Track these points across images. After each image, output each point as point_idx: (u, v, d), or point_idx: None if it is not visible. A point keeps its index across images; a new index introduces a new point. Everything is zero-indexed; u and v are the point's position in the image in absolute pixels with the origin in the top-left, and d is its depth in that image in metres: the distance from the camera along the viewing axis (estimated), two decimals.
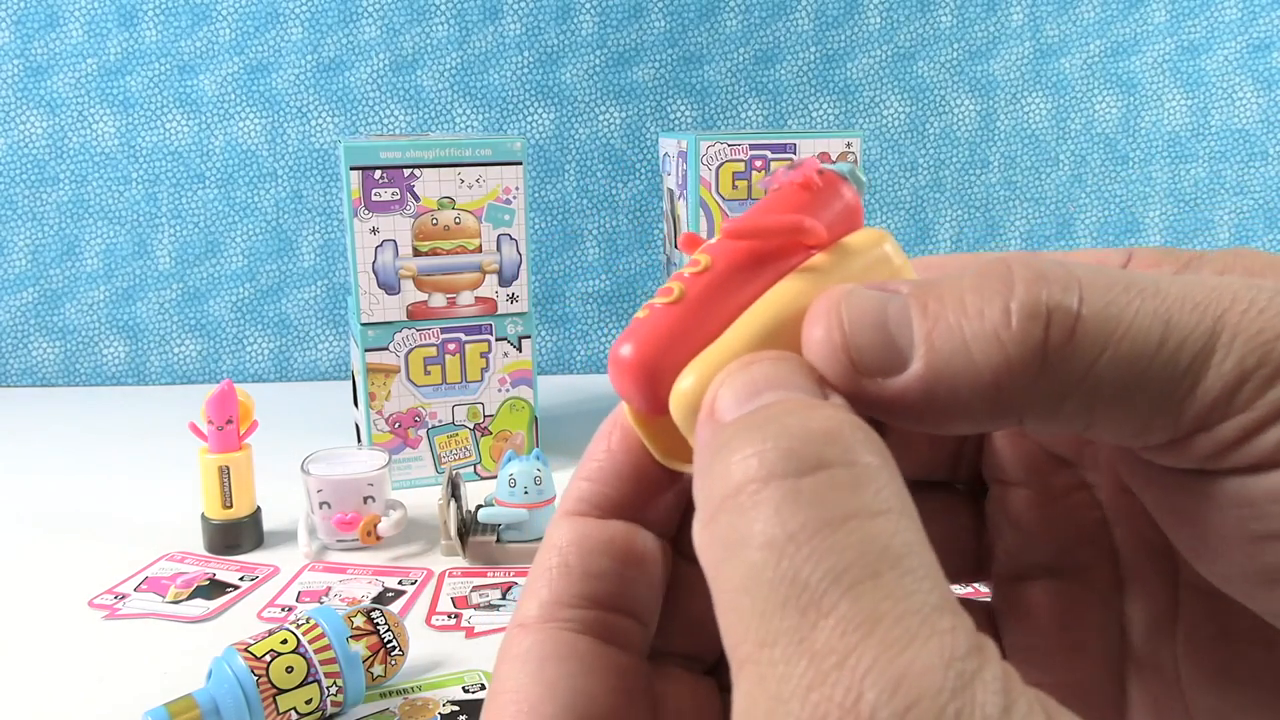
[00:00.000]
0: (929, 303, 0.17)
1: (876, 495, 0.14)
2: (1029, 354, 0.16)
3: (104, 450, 1.04)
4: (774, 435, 0.15)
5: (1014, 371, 0.16)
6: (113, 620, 0.69)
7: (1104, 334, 0.16)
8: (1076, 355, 0.16)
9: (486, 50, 1.25)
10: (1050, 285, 0.16)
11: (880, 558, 0.14)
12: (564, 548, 0.20)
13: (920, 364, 0.16)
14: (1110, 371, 0.16)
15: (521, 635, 0.19)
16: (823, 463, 0.15)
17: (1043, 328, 0.16)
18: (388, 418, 0.92)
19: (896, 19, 1.27)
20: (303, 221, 1.27)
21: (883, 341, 0.17)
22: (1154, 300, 0.16)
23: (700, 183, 0.95)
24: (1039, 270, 0.16)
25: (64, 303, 1.27)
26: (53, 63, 1.22)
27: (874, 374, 0.17)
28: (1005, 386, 0.16)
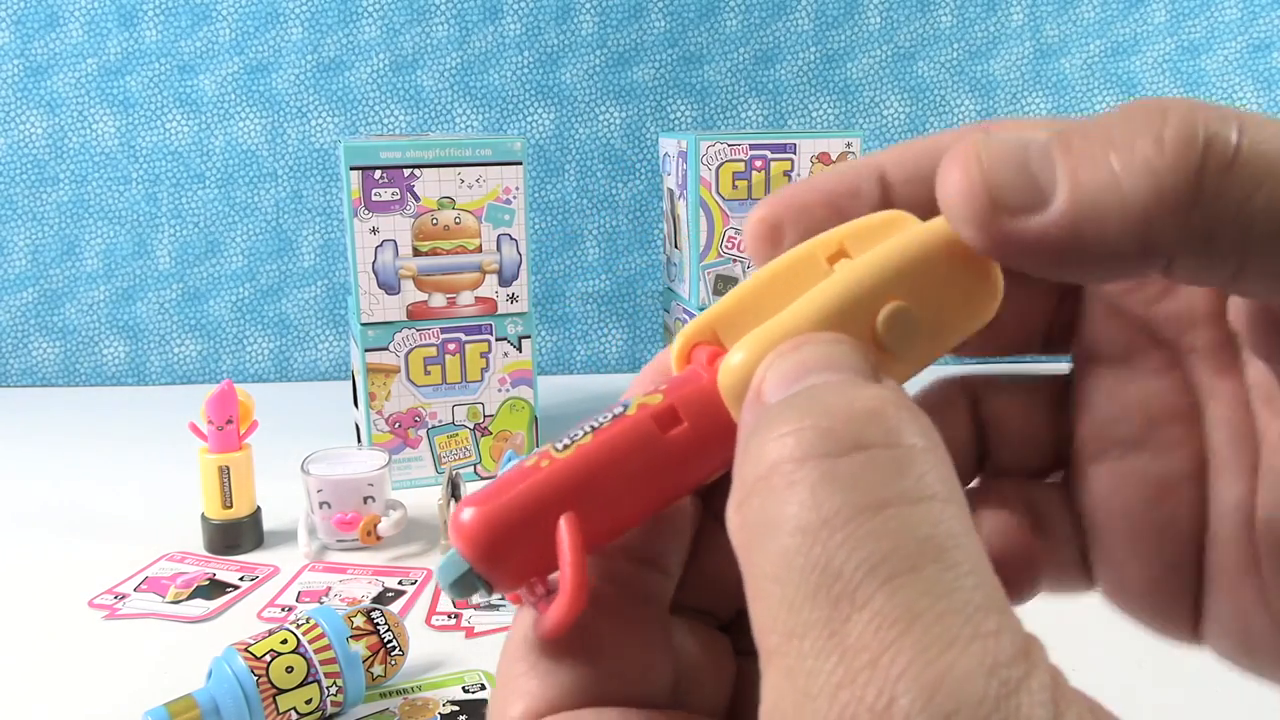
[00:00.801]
0: (1074, 140, 0.16)
1: (919, 480, 0.14)
2: (1184, 183, 0.15)
3: (104, 450, 1.04)
4: (814, 413, 0.14)
5: (1166, 202, 0.15)
6: (113, 620, 0.69)
7: (1263, 167, 0.15)
8: (1234, 187, 0.15)
9: (486, 50, 1.25)
10: (1208, 116, 0.15)
11: (921, 549, 0.13)
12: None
13: (1065, 198, 0.15)
14: (1267, 208, 0.15)
15: None
16: (862, 443, 0.14)
17: (1199, 155, 0.15)
18: (388, 418, 0.92)
19: (896, 19, 1.27)
20: (303, 221, 1.27)
21: (1025, 178, 0.16)
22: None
23: (700, 183, 0.95)
24: (1194, 104, 0.15)
25: (64, 303, 1.27)
26: (53, 63, 1.22)
27: (1015, 212, 0.16)
28: (1156, 220, 0.15)
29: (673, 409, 0.18)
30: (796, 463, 0.14)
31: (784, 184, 0.97)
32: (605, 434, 0.18)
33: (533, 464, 0.18)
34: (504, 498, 0.18)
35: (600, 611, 0.18)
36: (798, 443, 0.14)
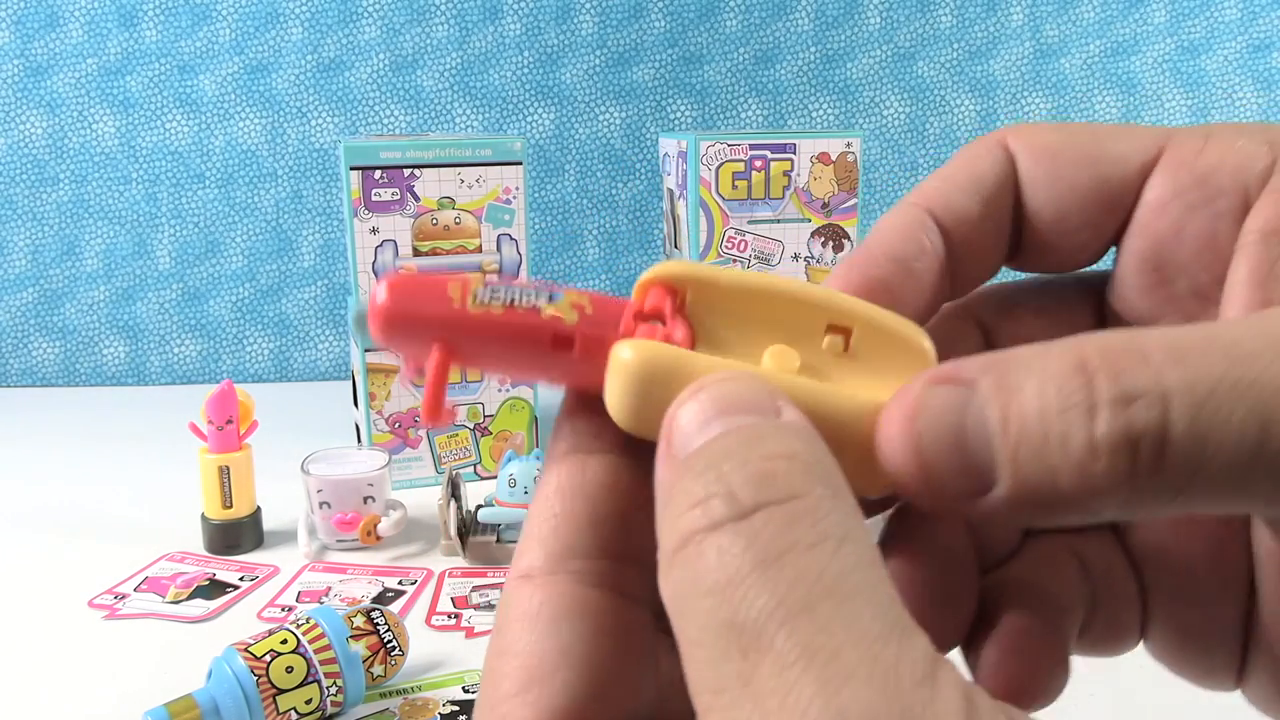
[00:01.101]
0: (1010, 417, 0.16)
1: (813, 527, 0.14)
2: (1118, 484, 0.15)
3: (104, 450, 1.04)
4: (714, 482, 0.15)
5: (1102, 496, 0.15)
6: (113, 620, 0.69)
7: (1195, 455, 0.15)
8: (1167, 479, 0.15)
9: (486, 50, 1.25)
10: (1136, 403, 0.15)
11: (813, 588, 0.13)
12: (568, 490, 0.19)
13: (1005, 489, 0.16)
14: (1206, 487, 0.15)
15: (528, 589, 0.18)
16: (760, 503, 0.14)
17: (1130, 459, 0.15)
18: (388, 418, 0.92)
19: (896, 19, 1.27)
20: (303, 221, 1.27)
21: (964, 466, 0.16)
22: (1250, 397, 0.15)
23: (700, 183, 0.95)
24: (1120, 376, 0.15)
25: (64, 303, 1.27)
26: (53, 63, 1.22)
27: (956, 497, 0.16)
28: (1093, 507, 0.16)
29: (572, 338, 0.19)
30: (704, 531, 0.14)
31: (782, 185, 0.97)
32: (511, 318, 0.19)
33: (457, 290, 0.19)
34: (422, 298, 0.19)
35: (588, 622, 0.18)
36: (704, 513, 0.14)
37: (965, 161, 0.21)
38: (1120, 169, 0.21)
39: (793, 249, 0.99)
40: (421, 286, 0.19)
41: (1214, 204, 0.20)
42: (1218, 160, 0.20)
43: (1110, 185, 0.21)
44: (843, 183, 0.98)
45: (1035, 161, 0.21)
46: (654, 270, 0.20)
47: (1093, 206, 0.21)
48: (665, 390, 0.18)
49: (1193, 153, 0.20)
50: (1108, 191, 0.21)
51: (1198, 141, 0.20)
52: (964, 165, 0.21)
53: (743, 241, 0.98)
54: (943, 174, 0.22)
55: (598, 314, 0.19)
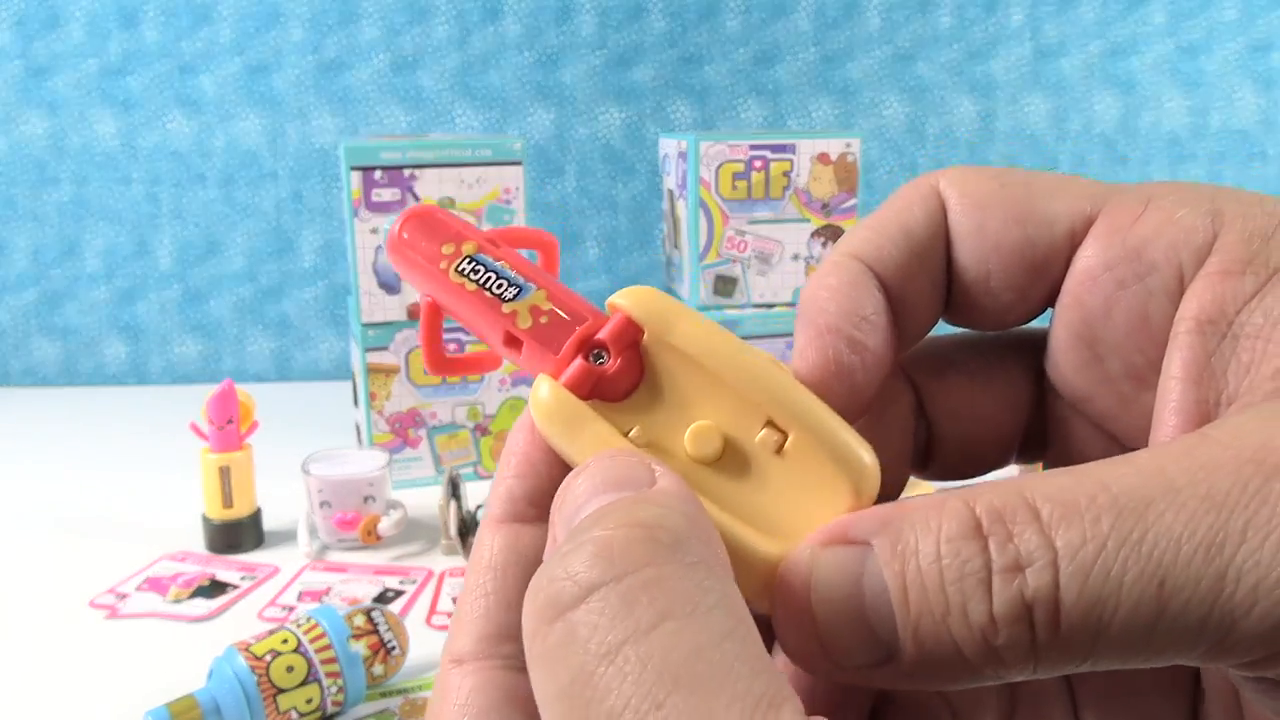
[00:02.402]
0: (908, 585, 0.15)
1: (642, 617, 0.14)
2: (1021, 654, 0.15)
3: (104, 450, 1.04)
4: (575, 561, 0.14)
5: (1008, 667, 0.15)
6: (113, 620, 0.69)
7: (1092, 621, 0.14)
8: (1069, 646, 0.15)
9: (486, 50, 1.25)
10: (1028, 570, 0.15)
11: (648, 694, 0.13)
12: (501, 565, 0.18)
13: (908, 659, 0.15)
14: (1112, 650, 0.15)
15: (458, 676, 0.17)
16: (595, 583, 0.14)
17: (1028, 629, 0.15)
18: (388, 418, 0.92)
19: (896, 19, 1.27)
20: (303, 221, 1.27)
21: (865, 638, 0.16)
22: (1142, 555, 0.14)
23: (700, 183, 0.95)
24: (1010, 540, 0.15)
25: (65, 303, 1.27)
26: (53, 63, 1.22)
27: (858, 666, 0.16)
28: (1002, 675, 0.15)
29: (520, 342, 0.19)
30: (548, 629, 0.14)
31: (782, 186, 0.97)
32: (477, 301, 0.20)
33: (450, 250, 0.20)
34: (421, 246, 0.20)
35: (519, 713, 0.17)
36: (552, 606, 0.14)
37: (896, 209, 0.20)
38: (1049, 232, 0.19)
39: (792, 249, 0.99)
40: (427, 233, 0.20)
41: (1146, 280, 0.18)
42: (1153, 232, 0.18)
43: (1037, 249, 0.19)
44: (843, 183, 0.98)
45: (964, 213, 0.20)
46: (624, 296, 0.19)
47: (1017, 269, 0.19)
48: (560, 440, 0.18)
49: (1128, 219, 0.19)
50: (1034, 255, 0.19)
51: (1135, 206, 0.19)
52: (895, 214, 0.20)
53: (742, 242, 0.98)
54: (872, 223, 0.20)
55: (551, 327, 0.19)
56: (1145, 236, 0.18)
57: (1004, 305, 0.20)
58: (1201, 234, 0.18)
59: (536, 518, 0.19)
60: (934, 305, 0.21)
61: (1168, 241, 0.18)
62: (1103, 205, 0.19)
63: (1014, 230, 0.19)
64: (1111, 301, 0.19)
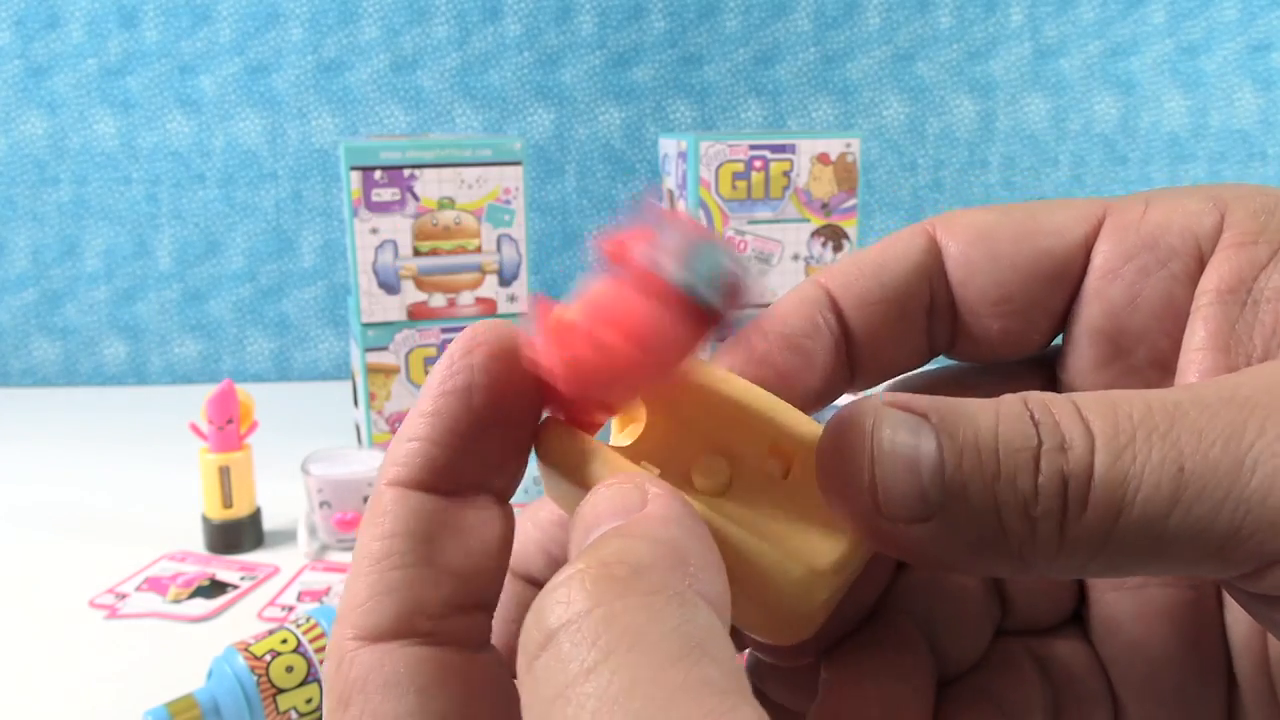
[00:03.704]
0: (963, 452, 0.16)
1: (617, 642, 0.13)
2: (1049, 530, 0.16)
3: (104, 450, 1.04)
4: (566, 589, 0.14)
5: (1036, 547, 0.16)
6: (113, 620, 0.69)
7: (1116, 497, 0.15)
8: (1093, 525, 0.15)
9: (486, 50, 1.25)
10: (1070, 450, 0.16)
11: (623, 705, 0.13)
12: (422, 538, 0.17)
13: (949, 519, 0.16)
14: (1127, 533, 0.15)
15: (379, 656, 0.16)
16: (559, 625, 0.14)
17: (1061, 503, 0.16)
18: (388, 418, 0.92)
19: (896, 19, 1.27)
20: (303, 221, 1.27)
21: (914, 489, 0.16)
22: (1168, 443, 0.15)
23: (700, 183, 0.95)
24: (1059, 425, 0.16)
25: (64, 303, 1.27)
26: (53, 63, 1.22)
27: (898, 520, 0.16)
28: (1028, 557, 0.16)
29: None
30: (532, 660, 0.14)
31: (782, 186, 0.97)
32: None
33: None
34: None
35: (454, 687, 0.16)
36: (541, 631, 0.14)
37: (881, 246, 0.21)
38: (1062, 240, 0.20)
39: (792, 249, 0.99)
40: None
41: (1168, 265, 0.19)
42: (1164, 220, 0.19)
43: (1054, 257, 0.20)
44: (842, 183, 0.98)
45: (970, 245, 0.20)
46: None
47: (1037, 282, 0.20)
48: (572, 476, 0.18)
49: (1136, 216, 0.20)
50: (1051, 264, 0.20)
51: (1139, 205, 0.20)
52: (877, 249, 0.21)
53: (742, 242, 0.98)
54: (855, 256, 0.21)
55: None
56: (1159, 225, 0.19)
57: (1028, 324, 0.21)
58: (1210, 217, 0.19)
59: (454, 490, 0.17)
60: (908, 340, 0.21)
61: (1180, 227, 0.19)
62: (1105, 210, 0.20)
63: (1027, 246, 0.20)
64: (1135, 291, 0.19)
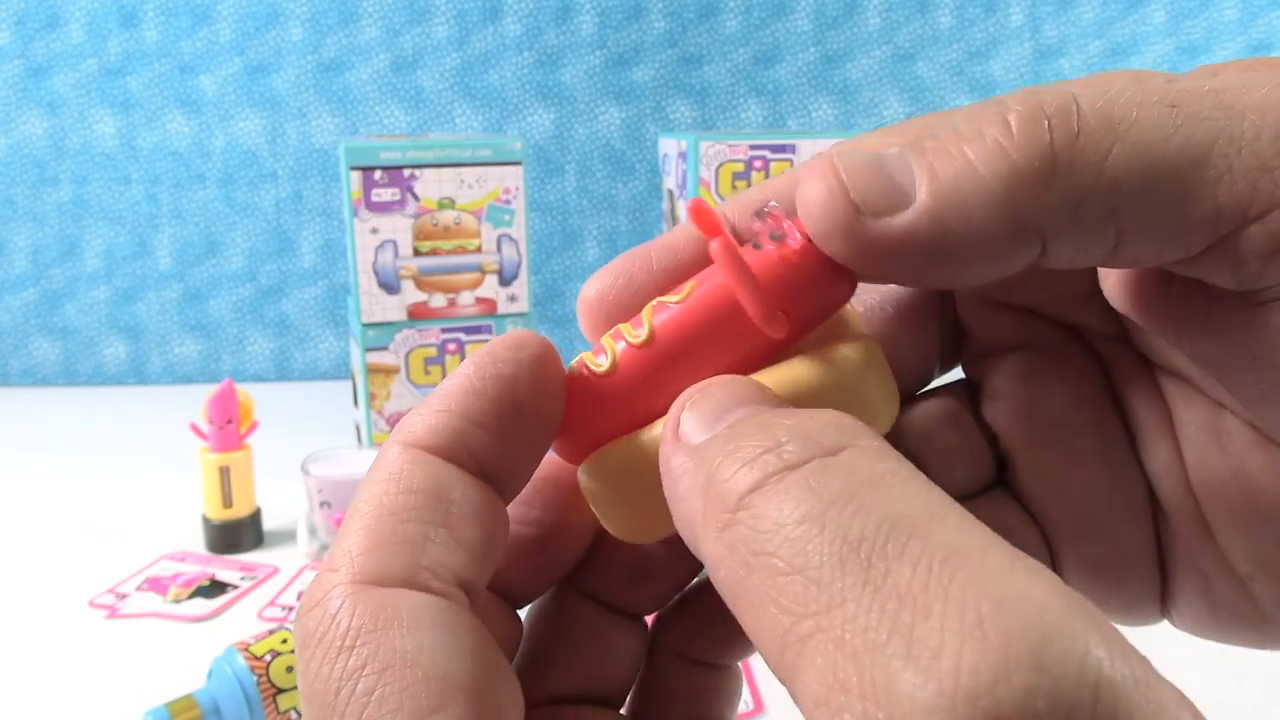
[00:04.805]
0: (925, 141, 0.16)
1: (901, 464, 0.14)
2: (1037, 157, 0.15)
3: (104, 450, 1.04)
4: (784, 431, 0.14)
5: (1024, 179, 0.15)
6: (113, 620, 0.69)
7: (1109, 125, 0.15)
8: (1087, 150, 0.15)
9: (486, 50, 1.25)
10: (1044, 94, 0.16)
11: (932, 505, 0.13)
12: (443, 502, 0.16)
13: (925, 191, 0.16)
14: (1126, 163, 0.15)
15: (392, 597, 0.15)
16: (843, 444, 0.14)
17: (1046, 129, 0.15)
18: (388, 418, 0.92)
19: (896, 19, 1.27)
20: (303, 221, 1.27)
21: (883, 180, 0.16)
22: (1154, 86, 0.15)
23: (700, 183, 0.95)
24: (1033, 88, 0.16)
25: (64, 303, 1.27)
26: (53, 63, 1.22)
27: (879, 213, 0.16)
28: (1019, 198, 0.15)
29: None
30: (785, 471, 0.14)
31: None
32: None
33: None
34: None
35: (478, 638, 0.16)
36: (779, 456, 0.14)
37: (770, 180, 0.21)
38: None
39: None
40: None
41: None
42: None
43: None
44: None
45: None
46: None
47: None
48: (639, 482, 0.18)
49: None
50: None
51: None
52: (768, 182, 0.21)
53: None
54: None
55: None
56: None
57: None
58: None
59: (472, 468, 0.17)
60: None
61: None
62: None
63: None
64: None
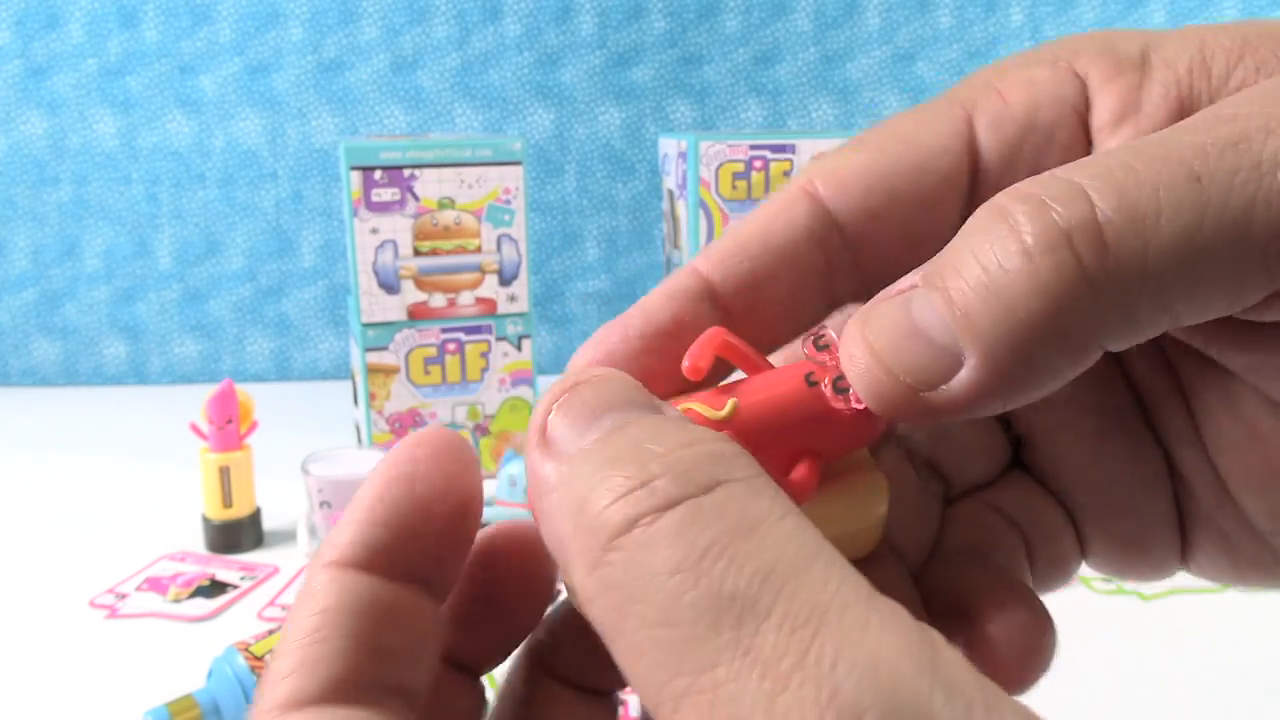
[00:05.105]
0: (949, 285, 0.15)
1: (773, 501, 0.14)
2: (1074, 287, 0.14)
3: (104, 450, 1.04)
4: (657, 461, 0.14)
5: (1067, 312, 0.14)
6: (113, 620, 0.69)
7: (1136, 225, 0.14)
8: (1123, 263, 0.14)
9: (486, 50, 1.25)
10: (1055, 206, 0.15)
11: (800, 553, 0.13)
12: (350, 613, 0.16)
13: (974, 351, 0.15)
14: (1165, 261, 0.14)
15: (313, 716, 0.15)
16: (717, 479, 0.14)
17: (1072, 254, 0.14)
18: (388, 418, 0.92)
19: (896, 19, 1.27)
20: (303, 221, 1.27)
21: (927, 352, 0.15)
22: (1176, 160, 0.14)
23: (700, 183, 0.95)
24: (1034, 196, 0.15)
25: (64, 303, 1.27)
26: (53, 63, 1.22)
27: (933, 385, 0.15)
28: (1069, 329, 0.15)
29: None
30: (657, 513, 0.13)
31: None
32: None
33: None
34: None
35: None
36: (651, 493, 0.14)
37: (762, 218, 0.20)
38: (947, 158, 0.19)
39: None
40: None
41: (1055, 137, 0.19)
42: (1029, 99, 0.19)
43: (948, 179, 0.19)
44: None
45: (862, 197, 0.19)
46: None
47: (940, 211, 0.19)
48: None
49: (999, 104, 0.19)
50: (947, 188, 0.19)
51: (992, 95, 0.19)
52: (759, 223, 0.19)
53: None
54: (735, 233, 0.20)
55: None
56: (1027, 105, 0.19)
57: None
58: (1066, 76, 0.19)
59: (388, 572, 0.17)
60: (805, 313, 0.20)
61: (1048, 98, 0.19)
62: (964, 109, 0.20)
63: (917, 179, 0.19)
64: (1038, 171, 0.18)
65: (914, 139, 0.19)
